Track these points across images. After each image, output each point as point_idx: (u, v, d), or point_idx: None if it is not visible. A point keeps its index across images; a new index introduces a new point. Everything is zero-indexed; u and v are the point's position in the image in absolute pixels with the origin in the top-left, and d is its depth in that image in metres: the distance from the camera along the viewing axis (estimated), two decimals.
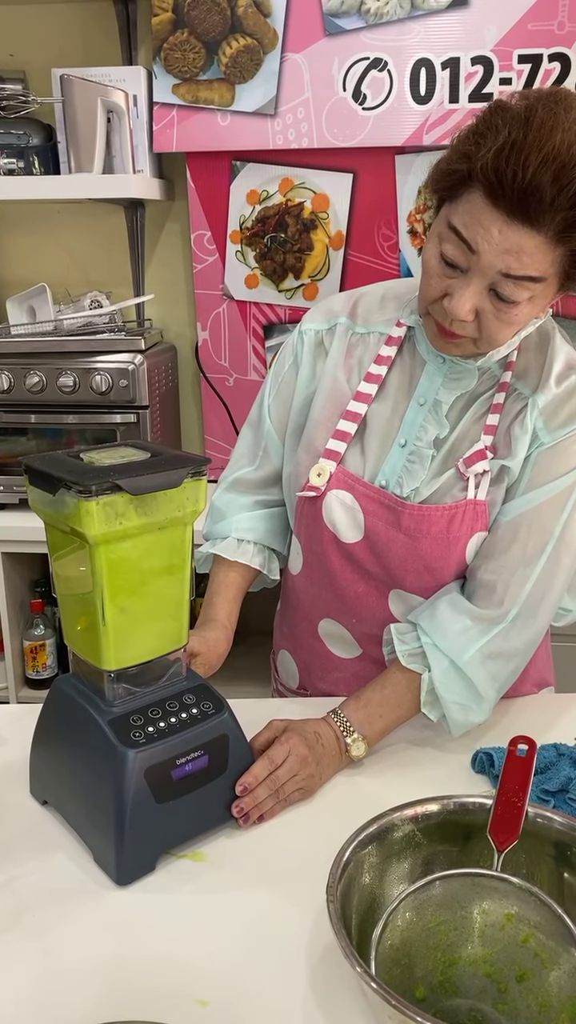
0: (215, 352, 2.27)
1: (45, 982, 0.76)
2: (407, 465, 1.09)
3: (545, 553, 1.04)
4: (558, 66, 1.91)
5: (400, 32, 1.94)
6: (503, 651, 1.05)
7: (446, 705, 1.04)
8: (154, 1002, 0.73)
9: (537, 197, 0.86)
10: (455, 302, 0.95)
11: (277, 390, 1.22)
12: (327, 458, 1.12)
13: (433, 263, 0.97)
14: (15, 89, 2.02)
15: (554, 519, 1.04)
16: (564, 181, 0.85)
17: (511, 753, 0.88)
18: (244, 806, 0.93)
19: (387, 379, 1.12)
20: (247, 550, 1.23)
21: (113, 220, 2.26)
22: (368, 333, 1.15)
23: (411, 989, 0.74)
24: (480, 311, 0.96)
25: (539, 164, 0.85)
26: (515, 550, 1.04)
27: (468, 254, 0.93)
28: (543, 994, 0.73)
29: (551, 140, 0.85)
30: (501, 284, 0.93)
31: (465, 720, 1.06)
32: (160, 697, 0.92)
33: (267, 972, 0.77)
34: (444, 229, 0.95)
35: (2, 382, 1.99)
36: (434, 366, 1.09)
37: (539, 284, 0.93)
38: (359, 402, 1.12)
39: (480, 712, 1.06)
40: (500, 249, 0.90)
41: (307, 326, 1.19)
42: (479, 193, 0.90)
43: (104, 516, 0.81)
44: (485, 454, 1.06)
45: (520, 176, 0.85)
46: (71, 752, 0.92)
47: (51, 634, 2.18)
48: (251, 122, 2.04)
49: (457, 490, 1.07)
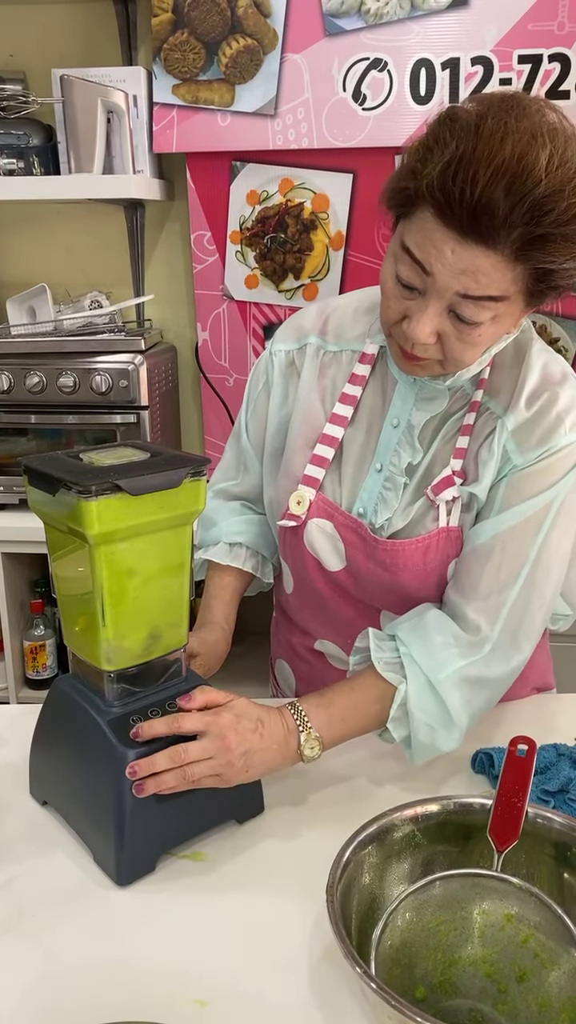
0: (215, 352, 2.27)
1: (45, 982, 0.76)
2: (383, 492, 1.06)
3: (521, 577, 0.98)
4: (558, 66, 1.91)
5: (400, 32, 1.94)
6: (481, 678, 0.98)
7: (415, 724, 0.97)
8: (154, 1002, 0.73)
9: (489, 213, 0.80)
10: (414, 325, 0.90)
11: (253, 408, 1.20)
12: (306, 484, 1.09)
13: (390, 284, 0.92)
14: (15, 89, 2.02)
15: (529, 541, 0.98)
16: (517, 195, 0.79)
17: (511, 753, 0.88)
18: (139, 769, 0.85)
19: (361, 400, 1.08)
20: (239, 554, 1.22)
21: (113, 220, 2.26)
22: (340, 351, 1.11)
23: (411, 989, 0.74)
24: (441, 333, 0.91)
25: (489, 178, 0.79)
26: (488, 574, 0.98)
27: (423, 275, 0.87)
28: (543, 994, 0.73)
29: (501, 152, 0.79)
30: (460, 305, 0.87)
31: (431, 744, 0.98)
32: (160, 697, 0.92)
33: (267, 972, 0.77)
34: (398, 249, 0.90)
35: (2, 382, 1.99)
36: (405, 386, 1.05)
37: (501, 303, 0.88)
38: (335, 425, 1.08)
39: (448, 739, 0.98)
40: (455, 270, 0.85)
41: (277, 347, 1.16)
42: (429, 212, 0.84)
43: (104, 516, 0.81)
44: (453, 480, 1.02)
45: (469, 193, 0.79)
46: (71, 752, 0.92)
47: (51, 634, 2.18)
48: (251, 122, 2.04)
49: (429, 519, 1.03)
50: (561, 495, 0.98)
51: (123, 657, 0.89)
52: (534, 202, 0.79)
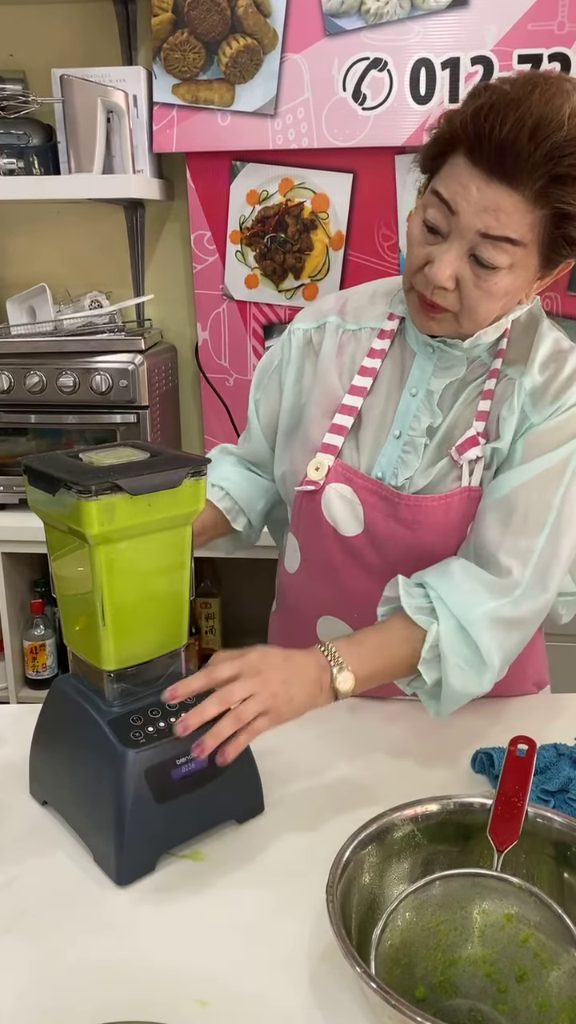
0: (215, 352, 2.27)
1: (45, 982, 0.76)
2: (402, 455, 1.10)
3: (548, 524, 1.02)
4: (558, 66, 1.91)
5: (400, 32, 1.94)
6: (512, 619, 1.01)
7: (447, 667, 0.98)
8: (154, 1002, 0.73)
9: (514, 153, 0.88)
10: (435, 267, 0.96)
11: (265, 386, 1.24)
12: (325, 452, 1.12)
13: (416, 231, 0.99)
14: (15, 89, 2.02)
15: (552, 491, 1.02)
16: (540, 137, 0.87)
17: (511, 753, 0.88)
18: (191, 722, 0.84)
19: (380, 372, 1.13)
20: (216, 493, 1.24)
21: (113, 220, 2.26)
22: (359, 329, 1.16)
23: (411, 989, 0.74)
24: (460, 279, 0.97)
25: (515, 121, 0.87)
26: (515, 523, 1.02)
27: (448, 216, 0.94)
28: (543, 994, 0.73)
29: (528, 100, 0.88)
30: (480, 247, 0.94)
31: (463, 688, 1.00)
32: (160, 697, 0.92)
33: (267, 972, 0.77)
34: (428, 196, 0.97)
35: (2, 382, 1.99)
36: (423, 356, 1.10)
37: (518, 249, 0.94)
38: (354, 395, 1.13)
39: (480, 682, 1.00)
40: (478, 207, 0.92)
41: (296, 326, 1.21)
42: (461, 156, 0.92)
43: (104, 516, 0.81)
44: (478, 440, 1.06)
45: (497, 131, 0.88)
46: (71, 752, 0.92)
47: (51, 634, 2.18)
48: (251, 122, 2.04)
49: (451, 479, 1.07)
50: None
51: (123, 657, 0.89)
52: (555, 144, 0.87)
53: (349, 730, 1.14)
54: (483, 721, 1.15)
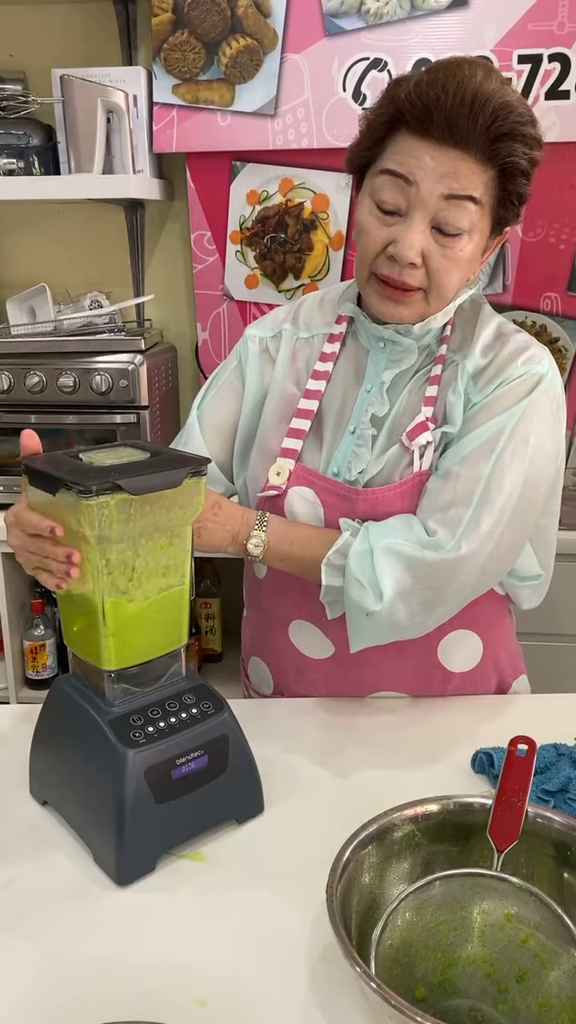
0: (215, 352, 2.27)
1: (45, 982, 0.76)
2: (355, 449, 1.11)
3: (476, 495, 1.03)
4: (558, 66, 1.91)
5: (400, 32, 1.94)
6: (411, 556, 1.02)
7: (348, 578, 1.03)
8: (154, 1002, 0.73)
9: (460, 118, 0.93)
10: (401, 244, 0.98)
11: (216, 391, 1.24)
12: (284, 456, 1.13)
13: (369, 219, 1.01)
14: (15, 89, 2.02)
15: (484, 462, 1.04)
16: (480, 102, 0.93)
17: (511, 753, 0.88)
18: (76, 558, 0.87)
19: (335, 373, 1.15)
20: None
21: (113, 220, 2.26)
22: (311, 337, 1.18)
23: (411, 989, 0.74)
24: (427, 253, 0.99)
25: (455, 90, 0.93)
26: (445, 495, 1.05)
27: (406, 189, 0.97)
28: (543, 994, 0.73)
29: (460, 72, 0.94)
30: (443, 212, 0.97)
31: (357, 599, 1.02)
32: (160, 697, 0.92)
33: (267, 972, 0.77)
34: (376, 179, 1.00)
35: (2, 382, 1.99)
36: (376, 351, 1.12)
37: (477, 208, 0.98)
38: (309, 399, 1.14)
39: (373, 599, 1.02)
40: (437, 174, 0.96)
41: (252, 332, 1.23)
42: (405, 132, 0.97)
43: (104, 516, 0.81)
44: (427, 425, 1.08)
45: (444, 99, 0.93)
46: (71, 752, 0.92)
47: (51, 634, 2.18)
48: (251, 122, 2.04)
49: (404, 465, 1.09)
50: (514, 419, 1.05)
51: (123, 657, 0.89)
52: (495, 107, 0.93)
53: (349, 730, 1.14)
54: (483, 721, 1.15)
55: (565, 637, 1.91)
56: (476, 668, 1.21)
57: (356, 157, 1.05)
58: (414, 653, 1.16)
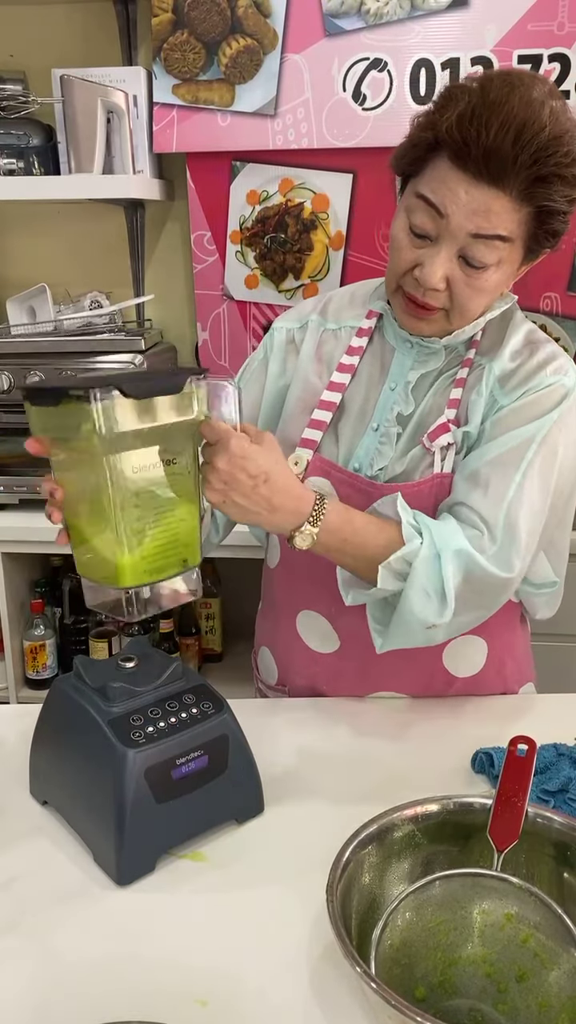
0: (215, 352, 2.27)
1: (45, 982, 0.76)
2: (378, 447, 1.11)
3: (507, 499, 1.02)
4: (558, 66, 1.91)
5: (400, 32, 1.94)
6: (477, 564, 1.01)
7: (412, 587, 0.99)
8: (154, 1002, 0.73)
9: (500, 157, 0.90)
10: (427, 270, 0.98)
11: (247, 381, 1.24)
12: (303, 447, 1.13)
13: (402, 236, 1.01)
14: (15, 89, 2.02)
15: (514, 468, 1.03)
16: (524, 141, 0.90)
17: (511, 753, 0.88)
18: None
19: (360, 368, 1.15)
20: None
21: (113, 220, 2.26)
22: (339, 329, 1.18)
23: (411, 989, 0.74)
24: (451, 279, 0.99)
25: (499, 126, 0.90)
26: (475, 497, 1.04)
27: (437, 219, 0.96)
28: (543, 994, 0.73)
29: (509, 103, 0.90)
30: (471, 247, 0.96)
31: (420, 612, 1.00)
32: (160, 697, 0.92)
33: (267, 972, 0.77)
34: (412, 200, 0.99)
35: (2, 382, 1.98)
36: (403, 351, 1.11)
37: (507, 245, 0.96)
38: (332, 391, 1.14)
39: (439, 612, 1.00)
40: (468, 210, 0.94)
41: (279, 324, 1.23)
42: (445, 160, 0.95)
43: (109, 416, 0.80)
44: (449, 427, 1.08)
45: (484, 136, 0.90)
46: (71, 752, 0.93)
47: (51, 634, 2.18)
48: (251, 122, 2.04)
49: (424, 465, 1.09)
50: (544, 429, 1.04)
51: (139, 571, 0.87)
52: (539, 146, 0.90)
53: (349, 730, 1.14)
54: (482, 721, 1.15)
55: (565, 637, 1.91)
56: (479, 674, 1.21)
57: (398, 166, 1.04)
58: (420, 656, 1.16)
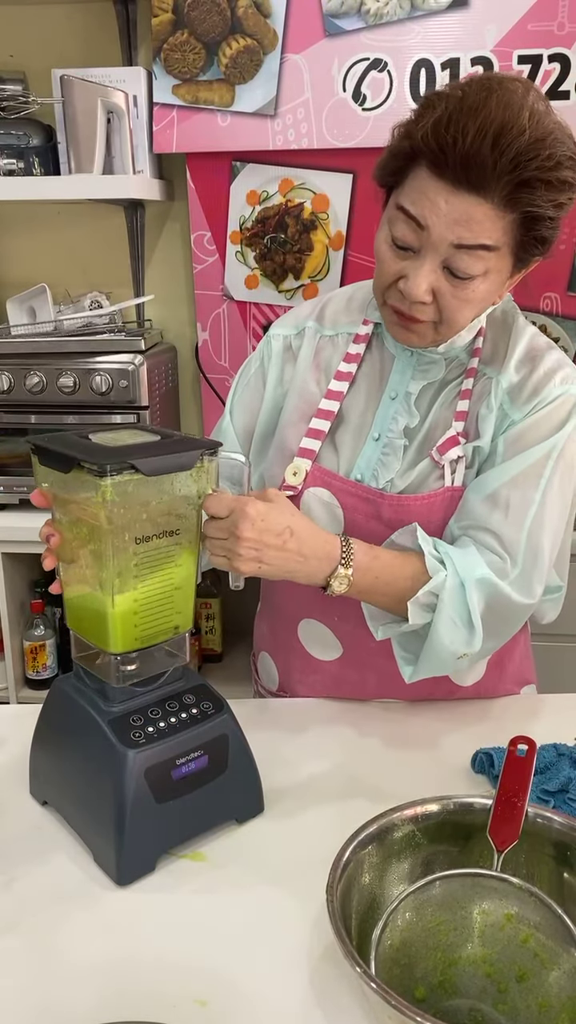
0: (215, 352, 2.27)
1: (45, 982, 0.76)
2: (381, 458, 1.10)
3: (529, 518, 1.03)
4: (558, 66, 1.91)
5: (400, 33, 1.94)
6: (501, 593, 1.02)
7: (440, 618, 1.00)
8: (154, 1002, 0.73)
9: (478, 163, 0.87)
10: (411, 283, 0.95)
11: (242, 391, 1.23)
12: (302, 457, 1.12)
13: (384, 248, 0.98)
14: (15, 90, 2.02)
15: (533, 487, 1.03)
16: (503, 145, 0.86)
17: (511, 753, 0.88)
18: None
19: (358, 376, 1.13)
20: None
21: (113, 220, 2.26)
22: (336, 335, 1.16)
23: (411, 989, 0.74)
24: (437, 291, 0.96)
25: (476, 131, 0.86)
26: (495, 519, 1.03)
27: (418, 231, 0.93)
28: (543, 994, 0.73)
29: (486, 107, 0.87)
30: (455, 258, 0.93)
31: (450, 643, 1.01)
32: (160, 697, 0.92)
33: (267, 972, 0.77)
34: (393, 212, 0.96)
35: (2, 382, 1.99)
36: (403, 360, 1.10)
37: (492, 254, 0.93)
38: (331, 400, 1.13)
39: (468, 641, 1.01)
40: (449, 220, 0.91)
41: (275, 331, 1.21)
42: (424, 169, 0.91)
43: (118, 494, 0.81)
44: (458, 440, 1.07)
45: (460, 143, 0.87)
46: (71, 752, 0.92)
47: (51, 634, 2.18)
48: (251, 122, 2.04)
49: (433, 479, 1.08)
50: (560, 443, 1.04)
51: (131, 637, 0.88)
52: (519, 150, 0.87)
53: (349, 730, 1.14)
54: (482, 721, 1.15)
55: (565, 637, 1.91)
56: (480, 681, 1.20)
57: (380, 177, 1.00)
58: None
